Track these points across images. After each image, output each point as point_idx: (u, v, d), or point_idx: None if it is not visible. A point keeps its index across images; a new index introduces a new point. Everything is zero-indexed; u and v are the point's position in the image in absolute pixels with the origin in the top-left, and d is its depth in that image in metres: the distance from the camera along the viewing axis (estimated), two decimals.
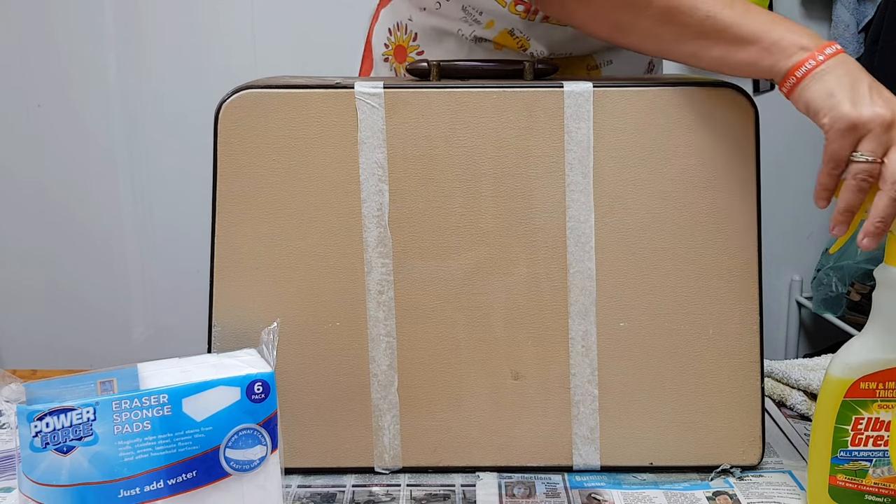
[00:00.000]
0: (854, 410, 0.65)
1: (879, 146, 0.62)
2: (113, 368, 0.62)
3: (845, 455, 0.66)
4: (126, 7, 2.14)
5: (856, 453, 0.66)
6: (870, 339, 0.65)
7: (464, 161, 0.71)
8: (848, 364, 0.66)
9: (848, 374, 0.65)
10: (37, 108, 2.17)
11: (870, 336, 0.66)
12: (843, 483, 0.67)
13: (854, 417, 0.65)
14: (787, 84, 0.66)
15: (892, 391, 0.65)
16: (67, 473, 0.57)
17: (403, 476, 0.75)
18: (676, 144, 0.71)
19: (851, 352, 0.66)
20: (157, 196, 2.21)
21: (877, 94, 0.63)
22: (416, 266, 0.73)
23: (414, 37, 0.93)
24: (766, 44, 0.67)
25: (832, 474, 0.67)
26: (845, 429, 0.66)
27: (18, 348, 2.26)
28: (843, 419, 0.66)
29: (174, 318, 2.23)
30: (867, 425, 0.65)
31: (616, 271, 0.73)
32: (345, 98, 0.71)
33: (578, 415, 0.74)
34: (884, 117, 0.62)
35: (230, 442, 0.61)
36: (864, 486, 0.67)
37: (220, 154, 0.72)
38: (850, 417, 0.66)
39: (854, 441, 0.66)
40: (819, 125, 0.64)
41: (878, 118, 0.62)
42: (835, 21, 2.09)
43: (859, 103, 0.62)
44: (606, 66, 0.91)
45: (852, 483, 0.67)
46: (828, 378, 0.66)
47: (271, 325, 0.65)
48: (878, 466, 0.66)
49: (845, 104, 0.63)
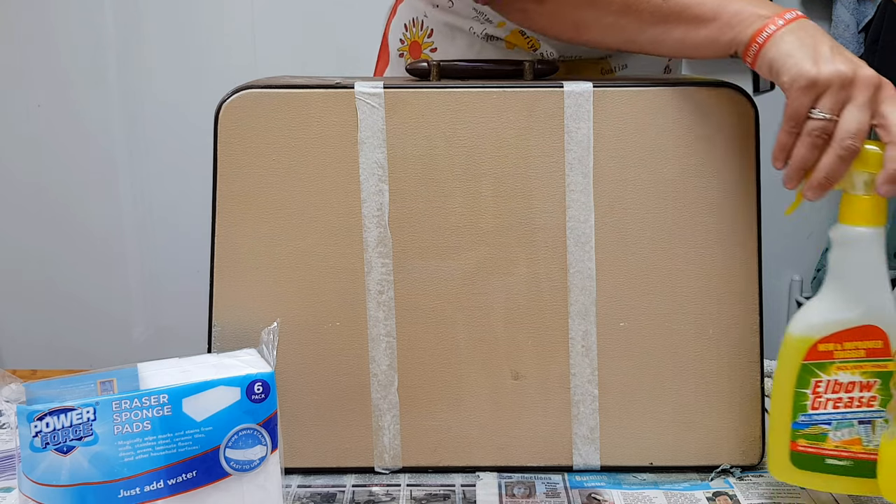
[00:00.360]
0: (813, 373, 0.65)
1: (837, 104, 0.62)
2: (113, 368, 0.62)
3: (806, 419, 0.66)
4: (126, 7, 2.14)
5: (816, 417, 0.66)
6: (827, 300, 0.65)
7: (464, 161, 0.71)
8: (808, 324, 0.65)
9: (808, 332, 0.65)
10: (37, 108, 2.17)
11: (826, 297, 0.65)
12: (803, 448, 0.66)
13: (814, 381, 0.65)
14: (750, 53, 0.66)
15: (850, 351, 0.64)
16: (67, 473, 0.57)
17: (403, 476, 0.75)
18: (676, 144, 0.71)
19: (810, 313, 0.66)
20: (157, 196, 2.21)
21: (838, 52, 0.63)
22: (416, 266, 0.73)
23: (430, 33, 0.93)
24: (726, 18, 0.67)
25: (793, 440, 0.66)
26: (805, 392, 0.65)
27: (18, 348, 2.26)
28: (802, 383, 0.65)
29: (174, 318, 2.23)
30: (826, 387, 0.65)
31: (616, 271, 0.73)
32: (345, 98, 0.71)
33: (578, 415, 0.74)
34: (844, 74, 0.62)
35: (230, 442, 0.61)
36: (825, 450, 0.66)
37: (220, 154, 0.72)
38: (809, 381, 0.65)
39: (814, 405, 0.65)
40: (780, 85, 0.64)
41: (837, 75, 0.62)
42: (835, 21, 2.09)
43: (820, 61, 0.62)
44: (622, 69, 0.90)
45: (813, 447, 0.66)
46: (786, 341, 0.66)
47: (271, 325, 0.65)
48: (838, 429, 0.65)
49: (806, 62, 0.62)
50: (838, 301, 0.64)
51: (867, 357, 0.64)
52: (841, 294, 0.64)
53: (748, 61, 0.67)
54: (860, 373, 0.64)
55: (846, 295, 0.64)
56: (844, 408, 0.65)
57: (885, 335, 0.64)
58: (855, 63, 0.62)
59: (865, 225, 0.63)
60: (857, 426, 0.65)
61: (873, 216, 0.63)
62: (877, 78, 0.62)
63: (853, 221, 0.63)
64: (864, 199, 0.63)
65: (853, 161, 0.62)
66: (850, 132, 0.62)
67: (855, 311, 0.64)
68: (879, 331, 0.64)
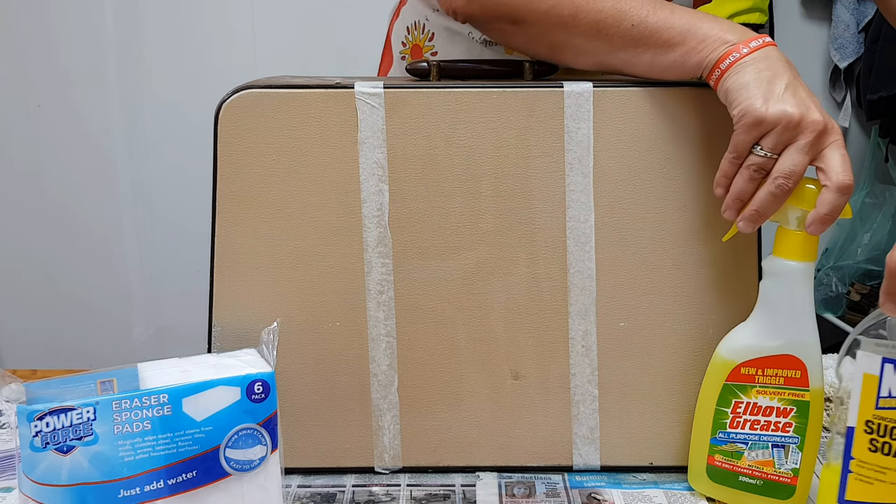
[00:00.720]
0: (734, 394, 0.68)
1: (779, 144, 0.63)
2: (113, 368, 0.62)
3: (724, 436, 0.69)
4: (126, 7, 2.14)
5: (733, 435, 0.68)
6: (753, 326, 0.68)
7: (464, 161, 0.71)
8: (732, 347, 0.68)
9: (732, 355, 0.67)
10: (37, 108, 2.17)
11: (754, 323, 0.68)
12: (719, 463, 0.69)
13: (734, 401, 0.68)
14: (713, 77, 0.67)
15: (770, 378, 0.67)
16: (67, 473, 0.57)
17: (403, 476, 0.75)
18: (676, 144, 0.71)
19: (737, 336, 0.68)
20: (157, 196, 2.21)
21: (791, 92, 0.63)
22: (416, 266, 0.73)
23: (430, 37, 0.94)
24: (693, 43, 0.68)
25: (710, 454, 0.69)
26: (725, 411, 0.68)
27: (18, 348, 2.26)
28: (723, 402, 0.68)
29: (174, 318, 2.24)
30: (746, 409, 0.68)
31: (616, 271, 0.73)
32: (345, 98, 0.71)
33: (578, 415, 0.74)
34: (791, 116, 0.62)
35: (230, 442, 0.61)
36: (739, 468, 0.69)
37: (220, 154, 0.72)
38: (730, 400, 0.68)
39: (732, 424, 0.68)
40: (731, 115, 0.65)
41: (784, 118, 0.62)
42: (835, 21, 2.09)
43: (770, 99, 0.63)
44: None
45: (728, 464, 0.69)
46: (714, 358, 0.69)
47: (271, 325, 0.65)
48: (753, 449, 0.68)
49: (757, 99, 0.63)
50: (764, 328, 0.67)
51: (786, 385, 0.67)
52: (766, 322, 0.67)
53: (712, 85, 0.67)
54: (778, 399, 0.67)
55: (771, 324, 0.67)
56: (761, 430, 0.68)
57: (804, 366, 0.66)
58: (806, 105, 0.63)
59: (796, 259, 0.65)
60: (770, 449, 0.68)
61: (804, 252, 0.65)
62: (823, 123, 0.63)
63: (784, 255, 0.66)
64: (797, 234, 0.65)
65: (786, 198, 0.64)
66: (784, 172, 0.63)
67: (777, 341, 0.66)
68: (799, 361, 0.66)
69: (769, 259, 0.67)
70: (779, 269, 0.66)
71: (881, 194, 2.05)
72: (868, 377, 0.60)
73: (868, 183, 2.07)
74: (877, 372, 0.60)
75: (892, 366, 0.59)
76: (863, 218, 2.06)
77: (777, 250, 0.66)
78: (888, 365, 0.59)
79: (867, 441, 0.61)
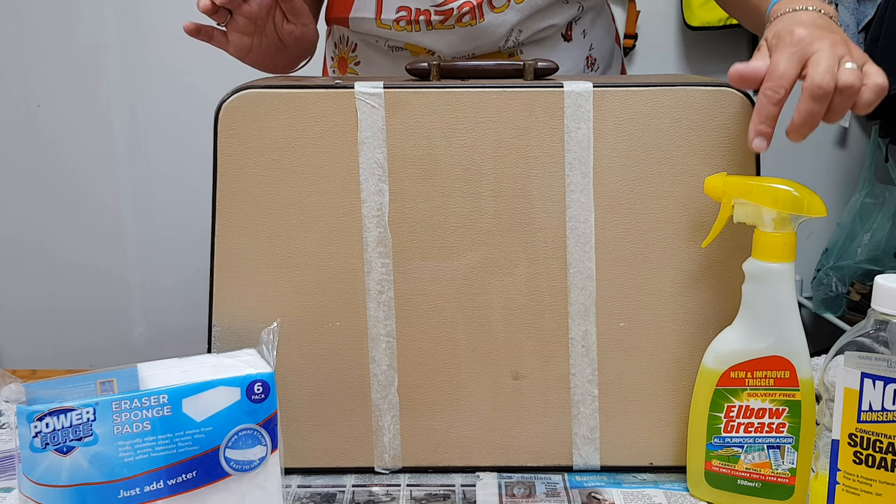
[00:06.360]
0: (726, 398, 0.68)
1: None
2: (113, 368, 0.62)
3: (719, 441, 0.69)
4: (126, 7, 2.14)
5: (728, 440, 0.69)
6: (738, 330, 0.68)
7: (464, 161, 0.71)
8: (719, 353, 0.68)
9: (719, 364, 0.68)
10: (37, 108, 2.17)
11: (738, 327, 0.68)
12: (717, 468, 0.70)
13: (726, 405, 0.68)
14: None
15: (760, 380, 0.67)
16: (67, 474, 0.57)
17: (403, 476, 0.75)
18: (676, 144, 0.71)
19: (722, 342, 0.68)
20: (157, 196, 2.21)
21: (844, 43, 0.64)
22: (416, 266, 0.73)
23: (353, 48, 1.03)
24: None
25: (707, 460, 0.70)
26: (718, 416, 0.69)
27: (18, 348, 2.26)
28: (715, 407, 0.69)
29: (174, 318, 2.24)
30: (738, 412, 0.68)
31: (616, 271, 0.73)
32: (345, 98, 0.71)
33: (578, 415, 0.74)
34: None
35: (230, 442, 0.61)
36: (737, 471, 0.69)
37: (220, 154, 0.72)
38: (722, 405, 0.68)
39: (727, 428, 0.69)
40: None
41: None
42: None
43: None
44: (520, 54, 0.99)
45: (726, 468, 0.69)
46: (701, 368, 0.69)
47: (271, 325, 0.65)
48: (749, 452, 0.68)
49: None
50: (749, 331, 0.67)
51: (776, 386, 0.67)
52: (751, 325, 0.67)
53: None
54: (770, 400, 0.67)
55: (756, 326, 0.67)
56: (755, 432, 0.68)
57: (792, 366, 0.66)
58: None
59: (775, 261, 0.66)
60: (766, 450, 0.68)
61: (782, 252, 0.66)
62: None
63: (763, 257, 0.66)
64: (774, 235, 0.66)
65: None
66: None
67: (764, 342, 0.67)
68: (787, 361, 0.66)
69: (749, 262, 0.67)
70: (759, 272, 0.66)
71: (881, 194, 2.05)
72: (849, 391, 0.60)
73: (868, 183, 2.07)
74: (856, 386, 0.60)
75: (871, 380, 0.59)
76: (863, 218, 2.05)
77: (756, 253, 0.66)
78: (867, 380, 0.59)
79: (851, 453, 0.61)
